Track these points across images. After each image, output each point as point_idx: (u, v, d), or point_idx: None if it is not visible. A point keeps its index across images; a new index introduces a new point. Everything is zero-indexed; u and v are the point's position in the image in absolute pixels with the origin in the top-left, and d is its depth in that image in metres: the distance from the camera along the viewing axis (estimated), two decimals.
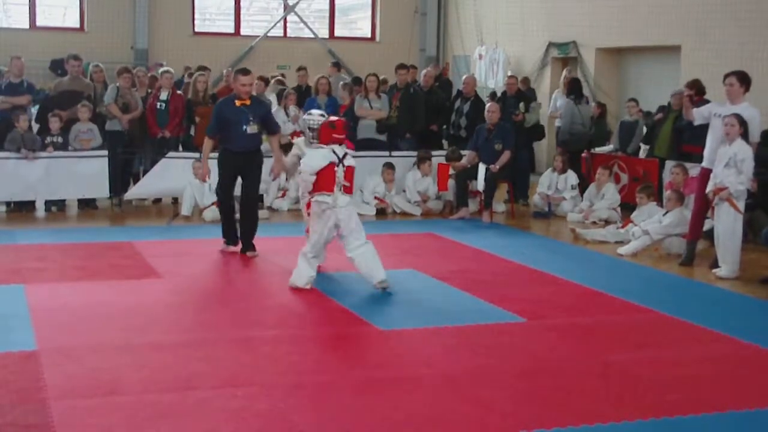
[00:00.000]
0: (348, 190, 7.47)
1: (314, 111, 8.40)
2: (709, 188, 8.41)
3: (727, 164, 8.22)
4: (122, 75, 11.68)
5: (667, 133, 11.39)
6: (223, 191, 8.83)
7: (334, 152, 7.39)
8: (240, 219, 8.89)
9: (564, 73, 13.96)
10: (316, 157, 7.39)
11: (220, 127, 8.66)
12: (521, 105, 12.64)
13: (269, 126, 8.91)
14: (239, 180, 8.83)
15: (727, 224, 8.29)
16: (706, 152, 8.69)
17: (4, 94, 11.34)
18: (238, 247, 8.80)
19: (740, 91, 8.48)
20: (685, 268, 8.76)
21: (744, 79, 8.49)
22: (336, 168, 7.36)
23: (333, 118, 7.94)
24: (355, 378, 5.33)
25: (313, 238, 7.46)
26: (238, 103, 8.58)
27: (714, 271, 8.43)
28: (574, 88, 13.16)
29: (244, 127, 8.55)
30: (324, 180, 7.34)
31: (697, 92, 10.21)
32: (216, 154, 8.97)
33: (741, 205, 8.30)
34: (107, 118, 11.57)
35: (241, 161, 8.65)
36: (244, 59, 17.82)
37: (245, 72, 8.77)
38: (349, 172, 7.47)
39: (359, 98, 12.47)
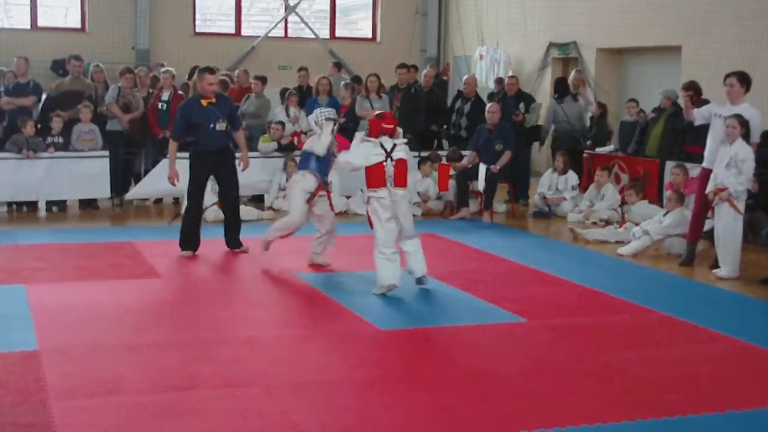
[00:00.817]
0: (400, 183, 7.40)
1: (324, 108, 8.54)
2: (709, 189, 8.41)
3: (728, 165, 8.22)
4: (124, 75, 11.71)
5: (658, 134, 11.40)
6: (196, 192, 8.78)
7: (382, 146, 7.35)
8: (225, 219, 8.99)
9: (573, 74, 13.93)
10: (359, 156, 7.41)
11: (187, 128, 8.64)
12: (521, 105, 12.65)
13: (234, 122, 8.92)
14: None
15: (727, 224, 8.29)
16: (707, 152, 8.69)
17: (11, 94, 11.35)
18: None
19: (741, 92, 8.48)
20: (685, 268, 8.76)
21: (744, 80, 8.49)
22: (385, 162, 7.33)
23: (378, 111, 8.02)
24: (355, 378, 5.34)
25: (381, 235, 7.37)
26: (204, 102, 8.59)
27: (714, 271, 8.43)
28: (558, 87, 13.19)
29: (213, 125, 8.55)
30: (374, 176, 7.35)
31: (694, 93, 10.23)
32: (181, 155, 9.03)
33: (741, 206, 8.30)
34: (108, 118, 11.58)
35: (213, 160, 8.67)
36: (245, 60, 17.82)
37: (212, 71, 8.76)
38: (400, 164, 7.40)
39: (360, 99, 12.48)
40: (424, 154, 12.18)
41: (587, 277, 8.13)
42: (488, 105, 11.99)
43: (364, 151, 7.39)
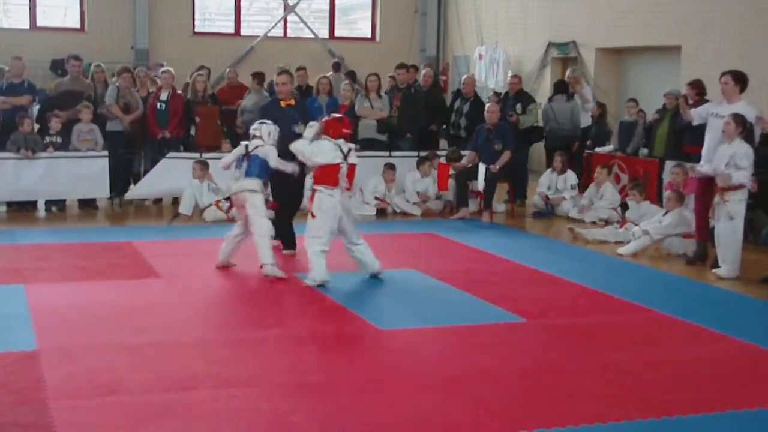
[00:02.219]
0: (349, 187, 7.77)
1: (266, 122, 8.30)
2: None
3: (728, 164, 8.23)
4: (122, 75, 11.66)
5: (664, 133, 11.39)
6: (282, 194, 8.68)
7: (340, 148, 7.65)
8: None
9: (568, 72, 13.93)
10: (325, 154, 7.60)
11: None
12: (518, 106, 12.58)
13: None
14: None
15: (728, 224, 8.29)
16: (704, 152, 8.72)
17: (5, 94, 11.34)
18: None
19: (735, 90, 8.50)
20: (684, 267, 8.77)
21: (739, 78, 8.50)
22: (341, 164, 7.61)
23: (335, 115, 8.16)
24: (355, 378, 5.33)
25: (321, 228, 7.54)
26: (283, 104, 8.74)
27: (714, 271, 8.43)
28: (555, 86, 13.19)
29: (293, 127, 8.50)
30: (331, 175, 7.57)
31: (698, 92, 10.24)
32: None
33: (742, 205, 8.30)
34: (108, 119, 11.56)
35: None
36: (244, 59, 17.82)
37: (279, 72, 8.93)
38: (351, 169, 7.72)
39: (360, 98, 12.48)
40: (423, 153, 12.16)
41: (587, 277, 8.13)
42: (487, 105, 11.98)
43: (328, 150, 7.63)
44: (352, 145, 7.95)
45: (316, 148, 7.66)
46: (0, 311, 6.56)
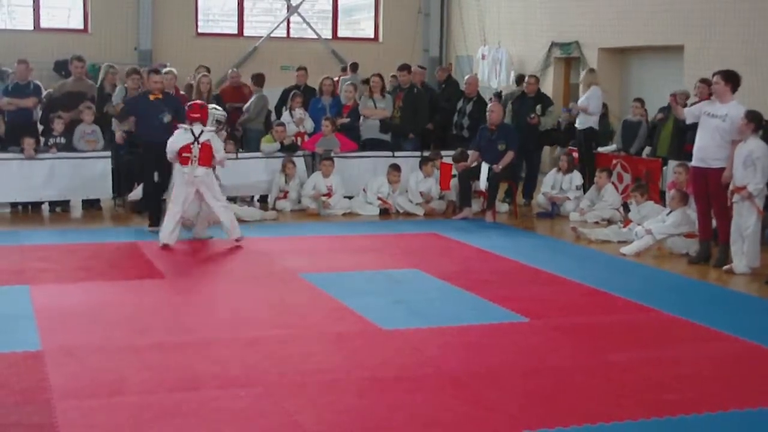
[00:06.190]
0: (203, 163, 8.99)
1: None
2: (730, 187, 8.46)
3: (744, 163, 8.24)
4: (131, 76, 11.63)
5: (668, 133, 11.39)
6: (149, 178, 9.98)
7: (192, 132, 9.00)
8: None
9: (584, 73, 13.88)
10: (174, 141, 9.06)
11: (133, 114, 10.31)
12: (538, 108, 12.54)
13: (181, 119, 9.64)
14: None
15: (748, 221, 8.31)
16: (695, 150, 8.75)
17: (11, 95, 11.36)
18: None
19: (726, 90, 8.53)
20: (687, 267, 8.77)
21: (730, 78, 8.53)
22: (192, 145, 8.93)
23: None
24: (357, 378, 5.34)
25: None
26: (151, 97, 9.93)
27: (732, 266, 8.41)
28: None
29: (161, 117, 9.81)
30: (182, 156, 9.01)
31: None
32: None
33: (760, 204, 8.32)
34: (113, 118, 11.55)
35: (160, 150, 9.36)
36: (247, 60, 17.83)
37: (156, 72, 10.37)
38: (205, 148, 8.95)
39: (364, 98, 12.49)
40: (426, 153, 12.16)
41: (590, 277, 8.13)
42: (489, 105, 11.96)
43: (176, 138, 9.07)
44: (207, 128, 9.08)
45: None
46: (4, 311, 6.59)
